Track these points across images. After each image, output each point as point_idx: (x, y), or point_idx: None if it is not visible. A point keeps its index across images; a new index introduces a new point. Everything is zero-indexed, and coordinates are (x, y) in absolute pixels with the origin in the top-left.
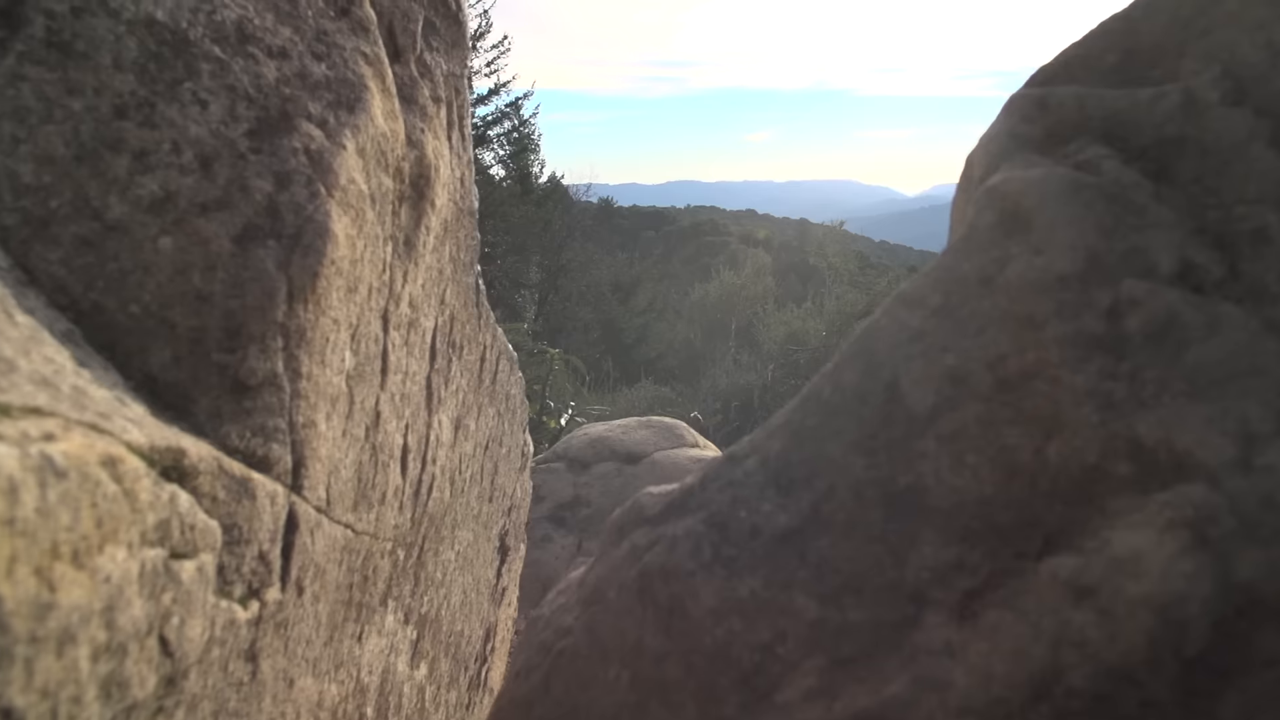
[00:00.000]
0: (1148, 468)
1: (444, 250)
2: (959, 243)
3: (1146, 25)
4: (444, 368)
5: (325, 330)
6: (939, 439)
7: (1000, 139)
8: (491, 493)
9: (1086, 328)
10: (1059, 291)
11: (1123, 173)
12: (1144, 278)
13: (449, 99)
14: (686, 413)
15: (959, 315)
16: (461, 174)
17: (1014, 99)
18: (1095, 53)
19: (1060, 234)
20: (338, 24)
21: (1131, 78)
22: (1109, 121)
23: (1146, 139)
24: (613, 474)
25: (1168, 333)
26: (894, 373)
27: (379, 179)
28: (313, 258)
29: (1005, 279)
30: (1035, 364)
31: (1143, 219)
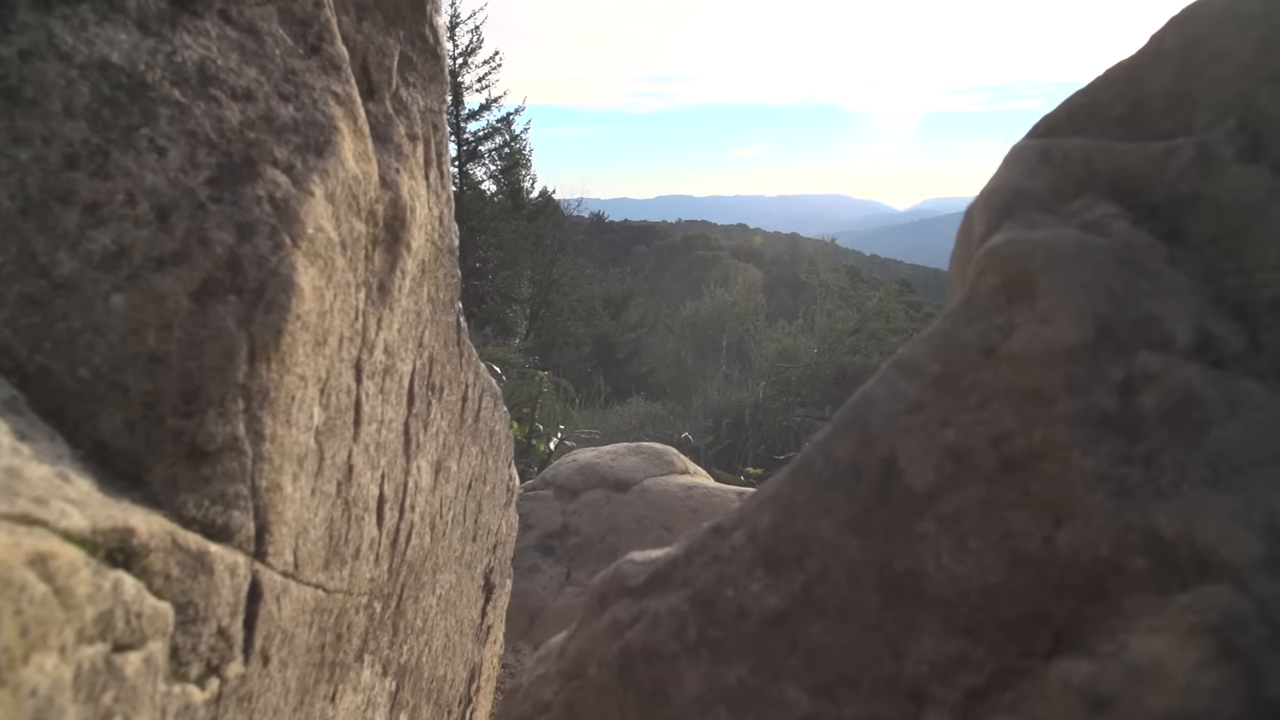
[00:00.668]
0: (1167, 564)
1: (422, 292)
2: (960, 307)
3: (1155, 74)
4: (423, 412)
5: (291, 388)
6: (939, 521)
7: (1002, 194)
8: (475, 532)
9: (1098, 405)
10: (1068, 364)
11: (1134, 234)
12: (1159, 350)
13: (426, 136)
14: (678, 431)
15: (960, 386)
16: (440, 213)
17: (1016, 150)
18: (1101, 102)
19: (1068, 302)
20: (307, 63)
21: (1141, 129)
22: (1118, 177)
23: (1158, 196)
24: (602, 501)
25: (1186, 412)
26: (891, 447)
27: (350, 224)
28: (276, 314)
29: (1009, 349)
30: (1043, 443)
31: (1156, 285)
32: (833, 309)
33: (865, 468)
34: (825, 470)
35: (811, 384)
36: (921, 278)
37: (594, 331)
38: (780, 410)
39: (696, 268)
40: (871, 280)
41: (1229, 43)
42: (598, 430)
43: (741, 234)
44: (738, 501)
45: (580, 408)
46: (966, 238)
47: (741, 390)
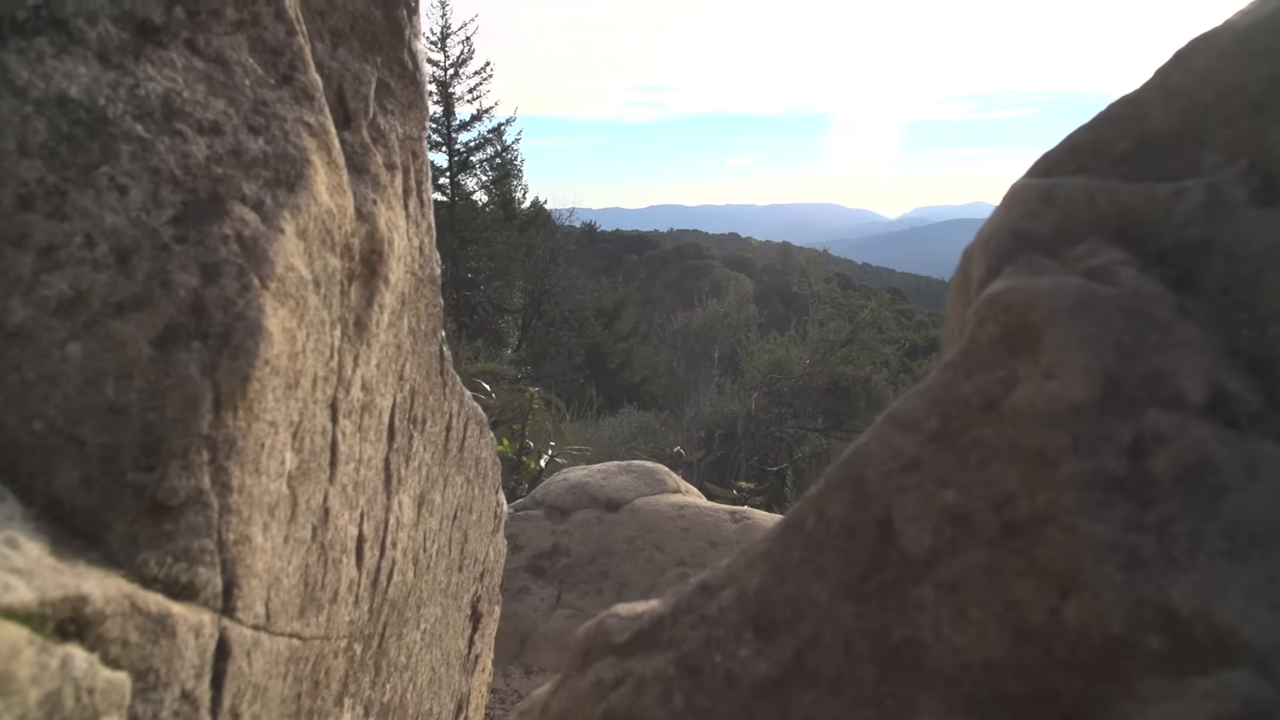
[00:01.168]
0: (1183, 644)
1: (401, 324)
2: (958, 358)
3: (1162, 110)
4: (404, 446)
5: (260, 436)
6: (938, 588)
7: (1002, 236)
8: (461, 562)
9: (1106, 468)
10: (1073, 423)
11: (1142, 282)
12: (1170, 408)
13: (405, 164)
14: (670, 443)
15: (959, 444)
16: (420, 242)
17: (1016, 190)
18: (1105, 139)
19: (1074, 355)
20: (278, 93)
21: (1147, 169)
22: (1124, 220)
23: (1166, 241)
24: (592, 522)
25: (1200, 477)
26: (886, 506)
27: (324, 260)
28: (243, 360)
29: (1011, 405)
30: (1048, 508)
31: (1166, 338)
32: (825, 319)
33: (859, 528)
34: (818, 529)
35: (804, 395)
36: (913, 285)
37: (586, 341)
38: (773, 421)
39: (688, 277)
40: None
41: (1239, 79)
42: (588, 447)
43: (733, 243)
44: (729, 521)
45: (572, 419)
46: (964, 281)
47: (734, 401)
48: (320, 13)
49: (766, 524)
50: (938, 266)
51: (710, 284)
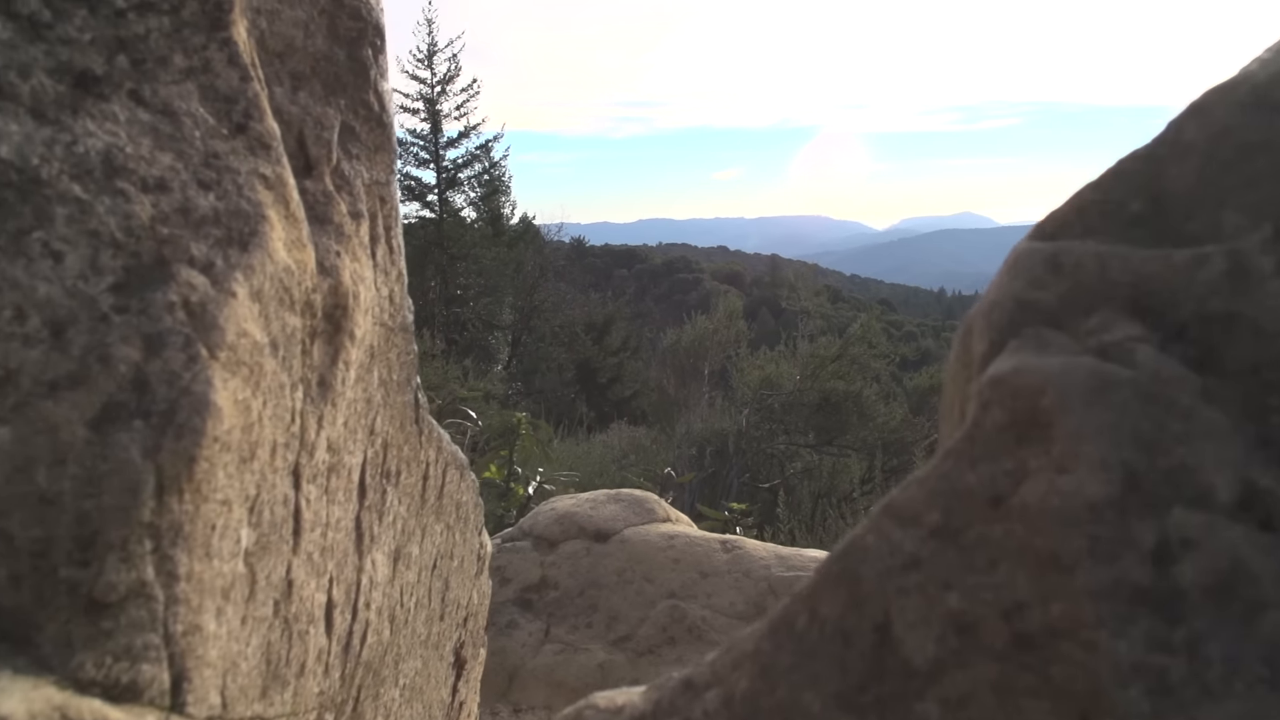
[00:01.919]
0: None
1: (371, 377)
2: (962, 444)
3: (1176, 169)
4: (377, 502)
5: (210, 517)
6: (943, 705)
7: (1005, 307)
8: (443, 611)
9: (1128, 576)
10: (1090, 524)
11: (1161, 363)
12: (1197, 507)
13: (372, 210)
14: (662, 460)
15: (964, 542)
16: (390, 291)
17: (1020, 255)
18: (1115, 198)
19: (1089, 447)
20: (231, 144)
21: (1162, 232)
22: (1138, 289)
23: (1186, 314)
24: (581, 553)
25: (1233, 588)
26: (885, 609)
27: (282, 320)
28: (189, 439)
29: (1021, 501)
30: (1064, 620)
31: (1189, 426)
32: (814, 334)
33: (856, 632)
34: (810, 631)
35: (795, 410)
36: (902, 296)
37: (576, 357)
38: (764, 438)
39: (678, 290)
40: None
41: (1260, 135)
42: (577, 473)
43: (722, 256)
44: (720, 551)
45: (563, 437)
46: (964, 354)
47: (725, 418)
48: (279, 55)
49: (758, 554)
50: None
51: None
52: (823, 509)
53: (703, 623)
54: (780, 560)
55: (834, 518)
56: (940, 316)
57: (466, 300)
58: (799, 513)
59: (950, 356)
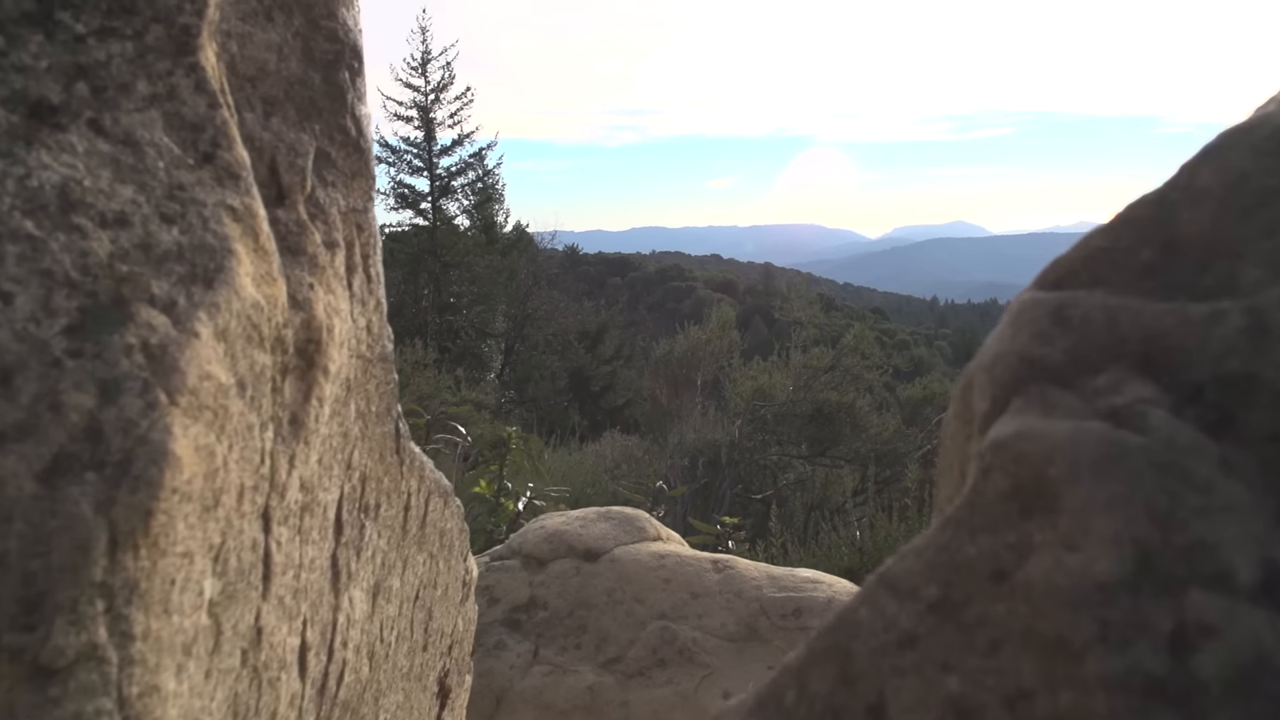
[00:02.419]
0: None
1: (348, 411)
2: (962, 512)
3: (1190, 215)
4: (354, 538)
5: (169, 572)
6: None
7: (1009, 363)
8: (426, 641)
9: (1142, 665)
10: (1101, 606)
11: (1176, 429)
12: (1216, 589)
13: (349, 239)
14: (655, 471)
15: (964, 620)
16: (368, 321)
17: (1023, 306)
18: (1125, 246)
19: (1099, 522)
20: (198, 174)
21: (1175, 283)
22: (1150, 345)
23: (1201, 374)
24: (571, 572)
25: (1257, 681)
26: (878, 689)
27: (250, 358)
28: (145, 491)
29: (1026, 578)
30: (1073, 712)
31: (1207, 499)
32: (807, 345)
33: (847, 712)
34: (799, 709)
35: (787, 421)
36: (895, 304)
37: (570, 365)
38: (757, 448)
39: (671, 298)
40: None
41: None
42: (568, 488)
43: (716, 264)
44: (712, 571)
45: (555, 446)
46: (964, 408)
47: (718, 429)
48: (250, 80)
49: (749, 574)
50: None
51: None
52: (815, 521)
53: (694, 644)
54: (772, 580)
55: (826, 530)
56: (933, 325)
57: (460, 308)
58: (791, 525)
59: (949, 411)
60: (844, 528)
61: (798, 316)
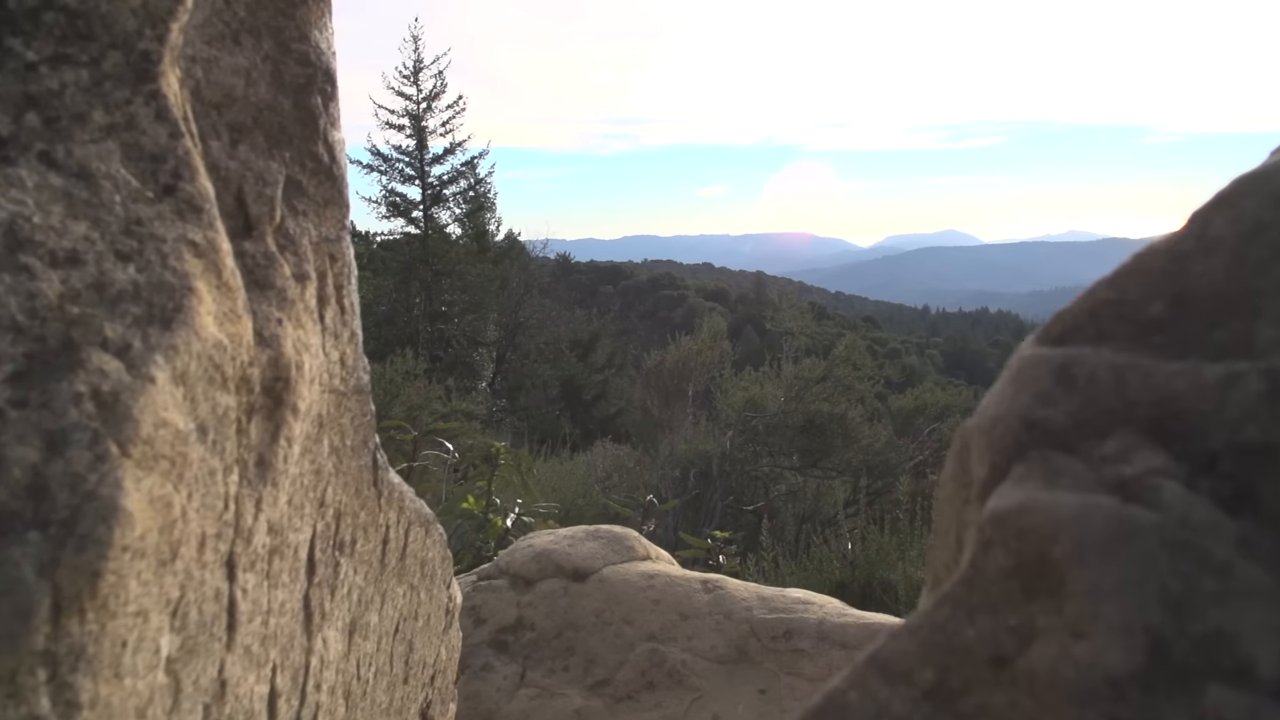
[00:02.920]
0: None
1: (320, 447)
2: (959, 589)
3: (1202, 267)
4: (329, 577)
5: (120, 633)
6: None
7: (1009, 425)
8: (407, 674)
9: None
10: (1111, 702)
11: (1191, 505)
12: (1236, 684)
13: (321, 270)
14: (646, 483)
15: (962, 710)
16: (342, 353)
17: (1024, 364)
18: (1133, 300)
19: (1109, 608)
20: (157, 208)
21: (1187, 340)
22: (1162, 410)
23: (1217, 442)
24: (559, 593)
25: None
26: None
27: (212, 401)
28: (93, 551)
29: (1029, 667)
30: None
31: (1226, 584)
32: (798, 355)
33: None
34: None
35: (779, 432)
36: (886, 313)
37: (561, 374)
38: (748, 459)
39: (663, 307)
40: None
41: None
42: (558, 505)
43: (707, 273)
44: (701, 591)
45: (546, 456)
46: (961, 470)
47: (709, 440)
48: (216, 106)
49: (739, 594)
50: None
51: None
52: (806, 534)
53: (683, 666)
54: (762, 601)
55: (818, 544)
56: (924, 333)
57: (451, 317)
58: (783, 538)
59: (944, 471)
60: (835, 540)
61: (789, 327)
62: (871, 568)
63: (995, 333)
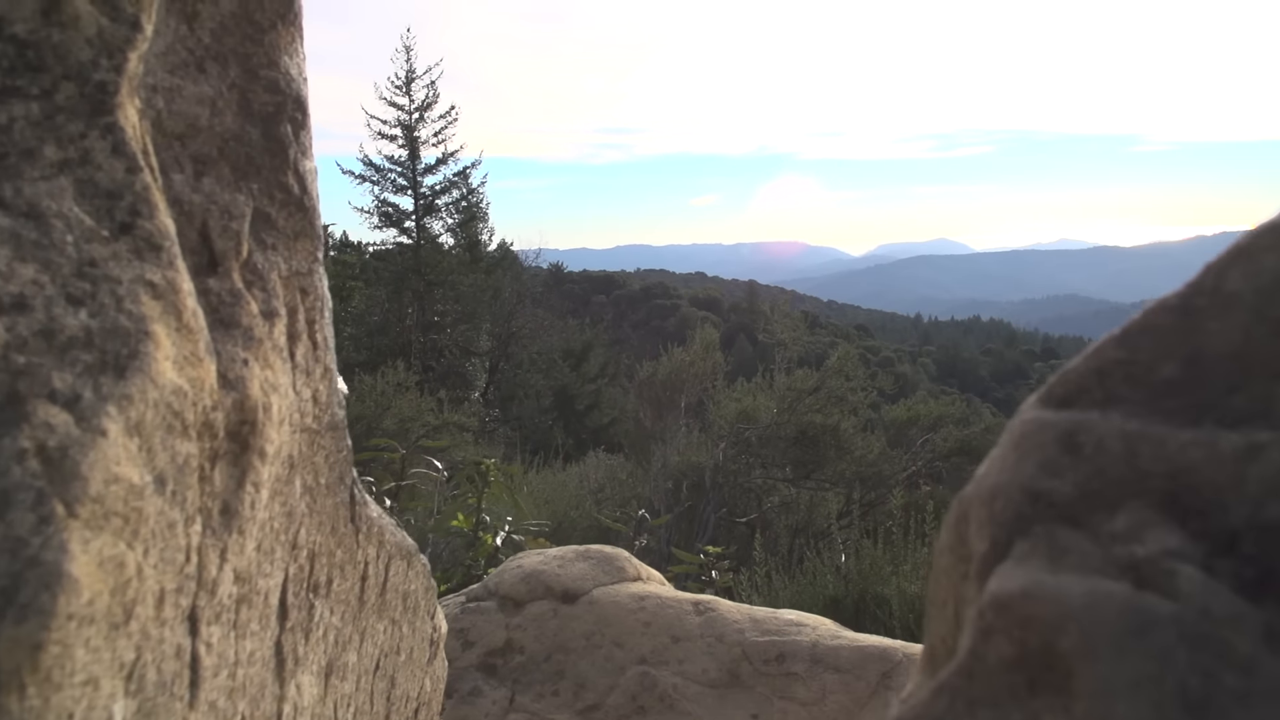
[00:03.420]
0: None
1: (292, 489)
2: (957, 680)
3: (1217, 325)
4: (302, 620)
5: (66, 705)
6: None
7: (1011, 498)
8: (388, 710)
9: None
10: None
11: (1211, 593)
12: None
13: (291, 305)
14: (638, 495)
15: None
16: (315, 390)
17: (1027, 430)
18: (1143, 359)
19: (1122, 709)
20: (113, 247)
21: (1202, 405)
22: (1176, 482)
23: (1237, 519)
24: (548, 615)
25: None
26: None
27: (171, 450)
28: (35, 621)
29: None
30: None
31: (1250, 681)
32: (791, 367)
33: None
34: None
35: (771, 444)
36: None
37: (554, 383)
38: (741, 471)
39: (656, 316)
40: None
41: None
42: (548, 522)
43: (700, 282)
44: (693, 614)
45: (538, 468)
46: (959, 543)
47: (702, 451)
48: (179, 137)
49: (731, 616)
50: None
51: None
52: (800, 546)
53: (674, 690)
54: (754, 623)
55: (811, 557)
56: (917, 342)
57: (444, 327)
58: (776, 551)
59: (941, 539)
60: (829, 552)
61: (781, 338)
62: (865, 582)
63: (987, 341)
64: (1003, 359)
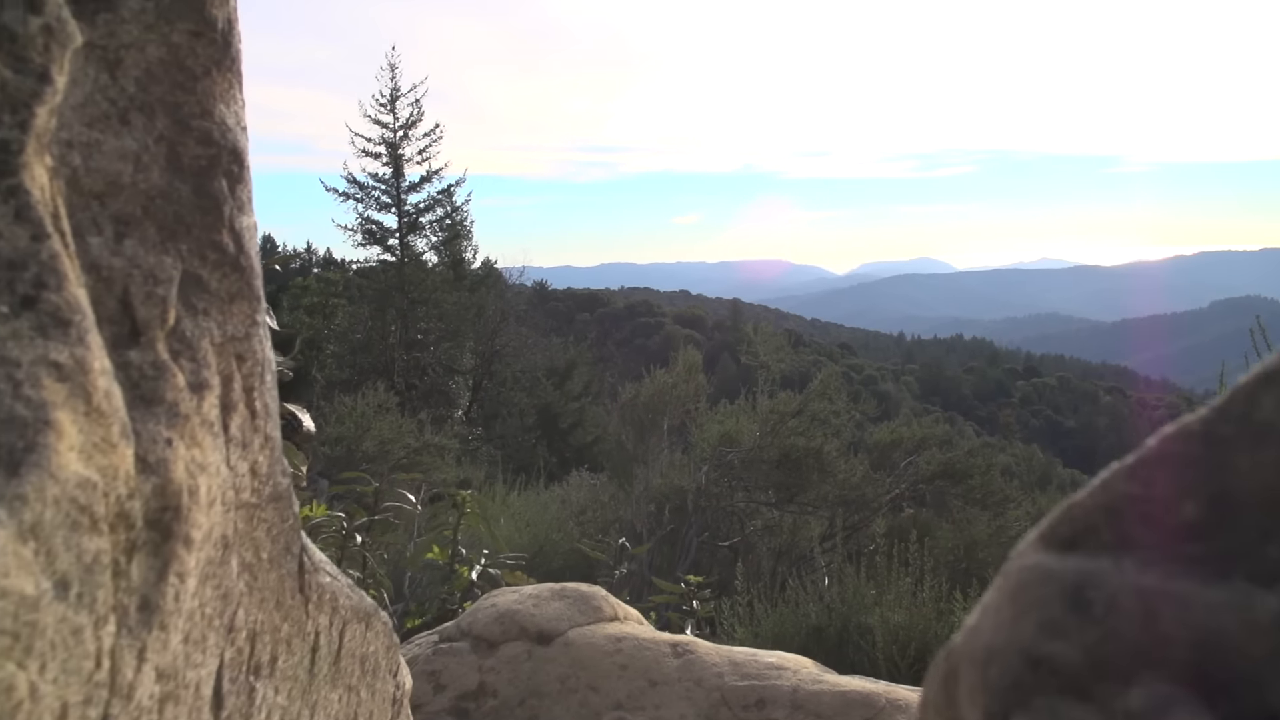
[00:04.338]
0: None
1: (227, 569)
2: None
3: (1249, 461)
4: (241, 706)
5: None
6: None
7: (1008, 664)
8: None
9: None
10: None
11: None
12: None
13: (225, 374)
14: (620, 519)
15: None
16: (253, 463)
17: (1026, 580)
18: (1161, 496)
19: None
20: (12, 325)
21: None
22: (1202, 651)
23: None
24: (522, 657)
25: None
26: None
27: (78, 548)
28: None
29: None
30: None
31: None
32: (773, 389)
33: None
34: None
35: (754, 467)
36: (861, 340)
37: (538, 402)
38: (723, 494)
39: (640, 334)
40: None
41: None
42: (525, 555)
43: (684, 300)
44: (670, 656)
45: (521, 489)
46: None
47: (684, 475)
48: (98, 196)
49: (710, 659)
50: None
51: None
52: (782, 573)
53: None
54: (734, 667)
55: (794, 585)
56: (900, 360)
57: (427, 345)
58: (758, 579)
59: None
60: (811, 577)
61: (764, 360)
62: (849, 611)
63: (970, 359)
64: (985, 377)
